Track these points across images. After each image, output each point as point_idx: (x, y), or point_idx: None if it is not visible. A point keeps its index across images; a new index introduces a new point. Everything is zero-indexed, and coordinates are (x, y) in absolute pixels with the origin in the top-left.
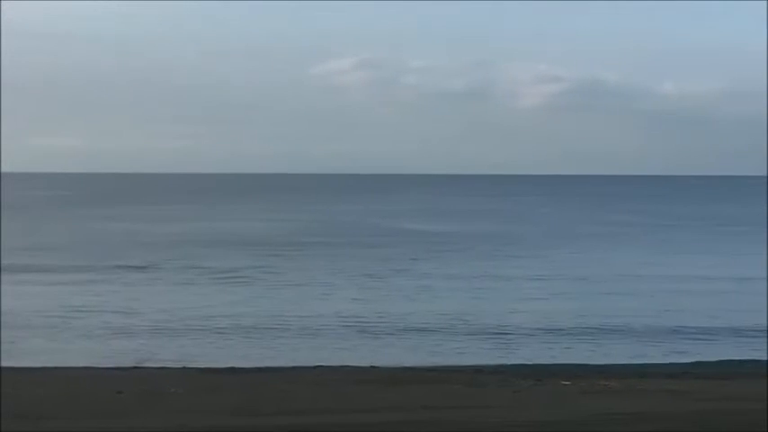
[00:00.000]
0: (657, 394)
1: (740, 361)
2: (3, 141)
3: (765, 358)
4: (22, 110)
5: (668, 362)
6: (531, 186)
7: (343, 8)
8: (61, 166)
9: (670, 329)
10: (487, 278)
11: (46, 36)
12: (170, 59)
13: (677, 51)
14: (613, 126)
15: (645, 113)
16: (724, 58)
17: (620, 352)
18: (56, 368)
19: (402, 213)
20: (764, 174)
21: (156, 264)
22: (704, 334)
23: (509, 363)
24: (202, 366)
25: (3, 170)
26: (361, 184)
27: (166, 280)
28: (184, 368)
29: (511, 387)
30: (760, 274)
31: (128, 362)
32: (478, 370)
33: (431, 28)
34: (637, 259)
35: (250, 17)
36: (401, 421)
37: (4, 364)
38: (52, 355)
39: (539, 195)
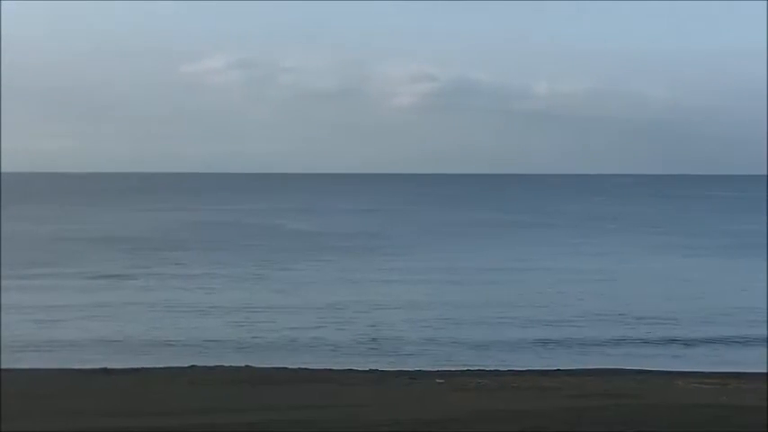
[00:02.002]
0: (530, 391)
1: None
2: None
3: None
4: None
5: (542, 359)
6: (405, 185)
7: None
8: None
9: (546, 325)
10: (363, 277)
11: None
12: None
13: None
14: (487, 125)
15: (518, 113)
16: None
17: (496, 350)
18: None
19: (279, 213)
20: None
21: (29, 264)
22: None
23: (383, 361)
24: (75, 367)
25: None
26: (237, 183)
27: (38, 280)
28: (56, 369)
29: (383, 386)
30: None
31: None
32: (351, 369)
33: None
34: (509, 256)
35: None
36: (270, 421)
37: None
38: None
39: (413, 194)
